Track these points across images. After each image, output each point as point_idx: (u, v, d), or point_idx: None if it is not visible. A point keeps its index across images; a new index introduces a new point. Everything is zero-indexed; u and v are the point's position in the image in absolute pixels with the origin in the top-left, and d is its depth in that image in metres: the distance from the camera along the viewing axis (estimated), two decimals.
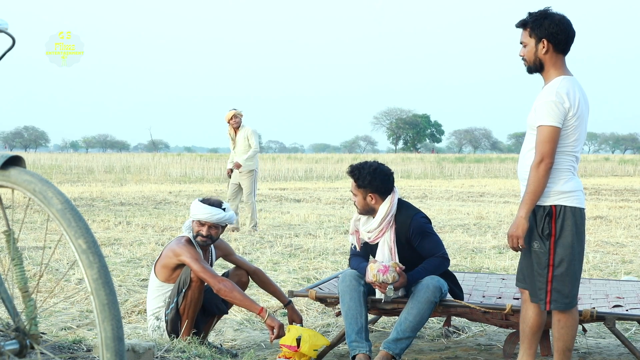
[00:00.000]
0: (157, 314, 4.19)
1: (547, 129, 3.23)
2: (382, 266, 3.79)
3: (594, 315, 3.70)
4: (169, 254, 4.13)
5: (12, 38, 2.19)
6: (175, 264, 4.11)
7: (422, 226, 3.97)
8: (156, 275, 4.19)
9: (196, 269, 3.99)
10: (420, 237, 3.95)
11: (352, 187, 4.07)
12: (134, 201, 14.72)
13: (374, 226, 3.96)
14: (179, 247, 4.10)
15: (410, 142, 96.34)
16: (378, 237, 3.97)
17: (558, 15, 3.35)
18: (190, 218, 4.21)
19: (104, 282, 1.79)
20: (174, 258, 4.10)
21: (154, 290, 4.20)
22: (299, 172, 29.21)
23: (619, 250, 8.41)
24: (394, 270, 3.77)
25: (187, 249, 4.08)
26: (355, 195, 4.05)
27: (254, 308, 3.97)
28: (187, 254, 4.05)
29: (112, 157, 41.49)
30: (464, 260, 7.57)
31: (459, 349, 4.36)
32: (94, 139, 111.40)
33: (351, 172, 4.07)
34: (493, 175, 31.17)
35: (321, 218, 11.71)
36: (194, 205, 4.18)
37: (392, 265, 3.79)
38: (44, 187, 1.88)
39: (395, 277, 3.77)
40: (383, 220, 3.95)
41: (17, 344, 1.90)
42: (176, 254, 4.09)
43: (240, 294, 3.99)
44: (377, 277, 3.79)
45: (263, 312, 3.95)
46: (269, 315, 3.97)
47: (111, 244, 8.43)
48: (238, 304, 4.02)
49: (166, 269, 4.15)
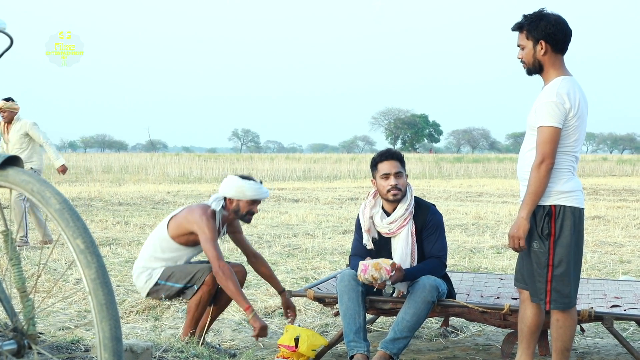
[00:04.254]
0: (151, 269, 4.18)
1: (548, 130, 3.24)
2: (362, 266, 3.81)
3: (592, 315, 3.71)
4: (189, 218, 4.13)
5: (10, 38, 2.19)
6: (190, 230, 4.12)
7: (440, 221, 4.07)
8: (167, 228, 4.18)
9: (207, 246, 4.02)
10: (433, 231, 4.02)
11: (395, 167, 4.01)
12: (132, 201, 14.71)
13: (399, 214, 3.99)
14: (202, 218, 4.08)
15: (408, 142, 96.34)
16: (401, 227, 3.99)
17: (553, 15, 3.35)
18: (223, 194, 4.19)
19: (102, 282, 1.79)
20: (192, 224, 4.10)
21: (157, 240, 4.20)
22: (297, 172, 29.20)
23: (617, 250, 8.42)
24: (373, 269, 3.77)
25: (209, 224, 4.08)
26: (400, 176, 4.02)
27: (242, 303, 3.98)
28: (205, 229, 4.06)
29: (110, 157, 41.44)
30: (462, 260, 7.57)
31: (457, 348, 4.36)
32: (92, 138, 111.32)
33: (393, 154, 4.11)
34: (491, 175, 31.18)
35: (319, 218, 11.71)
36: (248, 185, 4.16)
37: (373, 264, 3.79)
38: (42, 187, 1.88)
39: (375, 276, 3.77)
40: (407, 209, 4.00)
41: (15, 344, 1.90)
42: (197, 223, 4.08)
43: (234, 285, 3.98)
44: (360, 277, 3.81)
45: (249, 310, 3.97)
46: (254, 314, 3.98)
47: (109, 244, 8.42)
48: (229, 293, 4.01)
49: (180, 228, 4.15)
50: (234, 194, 4.18)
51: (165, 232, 4.20)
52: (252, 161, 36.33)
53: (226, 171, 28.05)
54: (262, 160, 37.84)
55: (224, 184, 4.23)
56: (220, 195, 4.22)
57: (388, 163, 4.05)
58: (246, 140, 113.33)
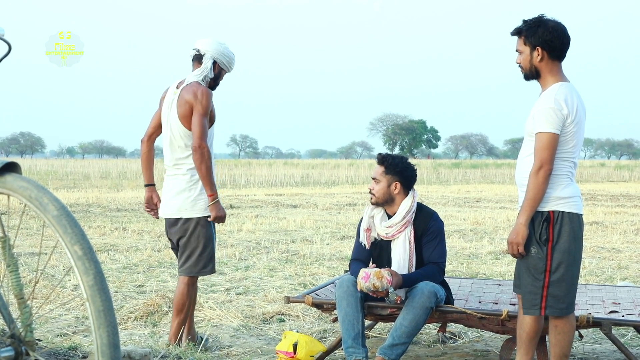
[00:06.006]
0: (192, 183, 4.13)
1: (546, 136, 3.24)
2: (364, 273, 3.79)
3: (590, 321, 3.71)
4: (190, 101, 4.06)
5: (8, 44, 2.20)
6: (192, 111, 4.07)
7: (440, 227, 4.08)
8: (183, 125, 4.12)
9: (197, 119, 4.02)
10: (433, 237, 4.02)
11: (376, 174, 4.10)
12: (130, 207, 14.70)
13: (397, 220, 4.00)
14: (204, 96, 4.05)
15: (406, 147, 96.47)
16: (399, 232, 4.00)
17: (552, 22, 3.35)
18: (214, 57, 4.16)
19: (99, 288, 1.79)
20: (196, 105, 4.04)
21: (186, 136, 4.12)
22: (295, 177, 29.21)
23: (615, 256, 8.42)
24: (375, 278, 3.75)
25: (210, 101, 4.08)
26: (377, 182, 4.07)
27: (209, 189, 4.05)
28: (205, 108, 4.05)
29: (108, 163, 41.45)
30: (460, 266, 7.57)
31: (455, 354, 4.36)
32: (91, 144, 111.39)
33: (383, 159, 4.11)
34: (489, 181, 31.20)
35: (318, 224, 11.71)
36: (225, 48, 4.18)
37: (374, 273, 3.77)
38: (40, 193, 1.88)
39: (377, 284, 3.75)
40: (406, 215, 4.01)
41: (12, 350, 1.90)
42: (199, 102, 4.04)
43: (207, 169, 4.02)
44: (361, 285, 3.79)
45: (212, 198, 4.06)
46: (216, 202, 4.07)
47: (107, 250, 8.41)
48: (201, 175, 4.04)
49: (188, 118, 4.10)
50: (225, 63, 4.23)
51: (184, 129, 4.12)
52: (250, 167, 36.34)
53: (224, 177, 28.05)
54: (260, 166, 37.86)
55: (218, 47, 4.18)
56: (210, 60, 4.17)
57: (375, 167, 4.15)
58: (244, 146, 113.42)
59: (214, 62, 4.18)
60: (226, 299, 5.77)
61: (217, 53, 4.16)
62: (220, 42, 4.20)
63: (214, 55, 4.16)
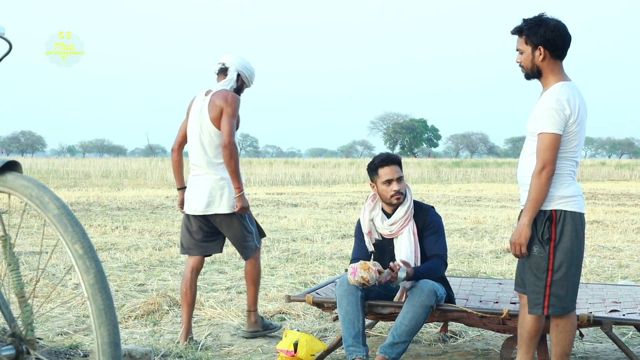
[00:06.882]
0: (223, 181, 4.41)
1: (548, 137, 3.23)
2: (351, 269, 3.82)
3: (590, 320, 3.71)
4: (221, 105, 4.37)
5: (9, 43, 2.20)
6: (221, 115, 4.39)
7: (440, 222, 4.13)
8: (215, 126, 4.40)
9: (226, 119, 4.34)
10: (434, 231, 4.07)
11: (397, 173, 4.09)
12: (130, 206, 14.71)
13: (400, 215, 4.03)
14: (233, 100, 4.39)
15: (407, 146, 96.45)
16: (402, 228, 4.02)
17: (553, 20, 3.34)
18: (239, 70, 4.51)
19: (100, 287, 1.79)
20: (226, 108, 4.36)
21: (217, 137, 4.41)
22: (296, 176, 29.21)
23: (616, 254, 8.42)
24: (362, 270, 3.78)
25: (238, 105, 4.42)
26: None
27: (236, 182, 4.37)
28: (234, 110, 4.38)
29: (109, 162, 41.46)
30: (461, 265, 7.57)
31: (456, 353, 4.36)
32: (91, 143, 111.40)
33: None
34: (490, 180, 31.19)
35: (318, 223, 11.71)
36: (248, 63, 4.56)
37: (360, 265, 3.80)
38: (41, 192, 1.88)
39: (365, 277, 3.77)
40: (407, 210, 4.04)
41: (13, 349, 1.90)
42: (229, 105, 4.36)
43: (236, 164, 4.34)
44: (352, 281, 3.82)
45: (238, 190, 4.38)
46: (242, 194, 4.40)
47: (108, 249, 8.41)
48: (230, 169, 4.35)
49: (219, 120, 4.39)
50: (247, 76, 4.57)
51: (215, 129, 4.40)
52: (251, 166, 36.32)
53: None
54: (261, 164, 37.85)
55: (241, 62, 4.54)
56: (235, 72, 4.51)
57: (389, 168, 4.07)
58: (245, 145, 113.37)
59: (238, 75, 4.53)
60: (227, 297, 5.77)
61: (240, 67, 4.53)
62: (243, 57, 4.58)
63: (238, 68, 4.52)
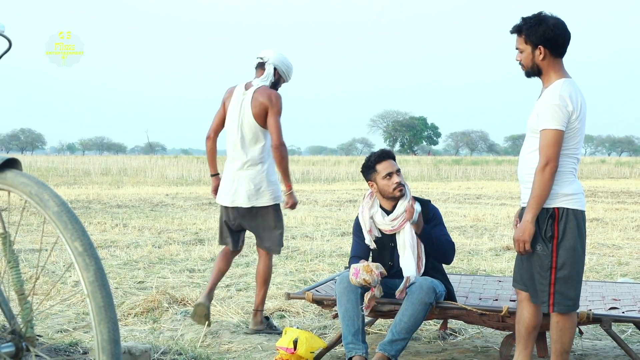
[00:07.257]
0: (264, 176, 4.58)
1: (551, 133, 3.23)
2: (354, 270, 3.85)
3: (590, 317, 3.71)
4: (265, 103, 4.51)
5: (9, 40, 2.20)
6: (267, 113, 4.52)
7: (439, 214, 4.22)
8: (258, 123, 4.53)
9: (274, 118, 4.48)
10: (437, 222, 4.14)
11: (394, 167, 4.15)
12: (130, 203, 14.71)
13: (401, 210, 4.04)
14: (277, 99, 4.53)
15: (407, 144, 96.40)
16: (404, 222, 4.03)
17: (552, 19, 3.32)
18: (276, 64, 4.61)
19: (100, 284, 1.79)
20: (272, 108, 4.50)
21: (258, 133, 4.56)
22: (295, 174, 29.19)
23: (615, 252, 8.43)
24: (364, 272, 3.80)
25: (282, 103, 4.55)
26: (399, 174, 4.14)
27: (288, 180, 4.63)
28: (280, 109, 4.54)
29: (108, 160, 41.44)
30: (461, 263, 7.57)
31: (455, 351, 4.36)
32: (91, 141, 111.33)
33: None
34: (490, 178, 31.19)
35: (318, 220, 11.71)
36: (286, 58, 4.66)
37: (363, 267, 3.82)
38: (40, 189, 1.88)
39: (367, 279, 3.80)
40: (408, 205, 4.04)
41: (13, 346, 1.90)
42: (274, 105, 4.51)
43: (287, 164, 4.57)
44: (353, 282, 3.84)
45: (289, 188, 4.64)
46: (292, 192, 4.66)
47: (108, 247, 8.42)
48: (281, 168, 4.58)
49: (262, 117, 4.53)
50: (285, 71, 4.66)
51: (257, 126, 4.53)
52: None
53: None
54: None
55: (279, 57, 4.64)
56: (272, 66, 4.61)
57: (387, 163, 4.13)
58: None
59: (274, 69, 4.63)
60: (227, 295, 5.78)
61: (278, 61, 4.63)
62: (281, 52, 4.69)
63: (275, 63, 4.62)
